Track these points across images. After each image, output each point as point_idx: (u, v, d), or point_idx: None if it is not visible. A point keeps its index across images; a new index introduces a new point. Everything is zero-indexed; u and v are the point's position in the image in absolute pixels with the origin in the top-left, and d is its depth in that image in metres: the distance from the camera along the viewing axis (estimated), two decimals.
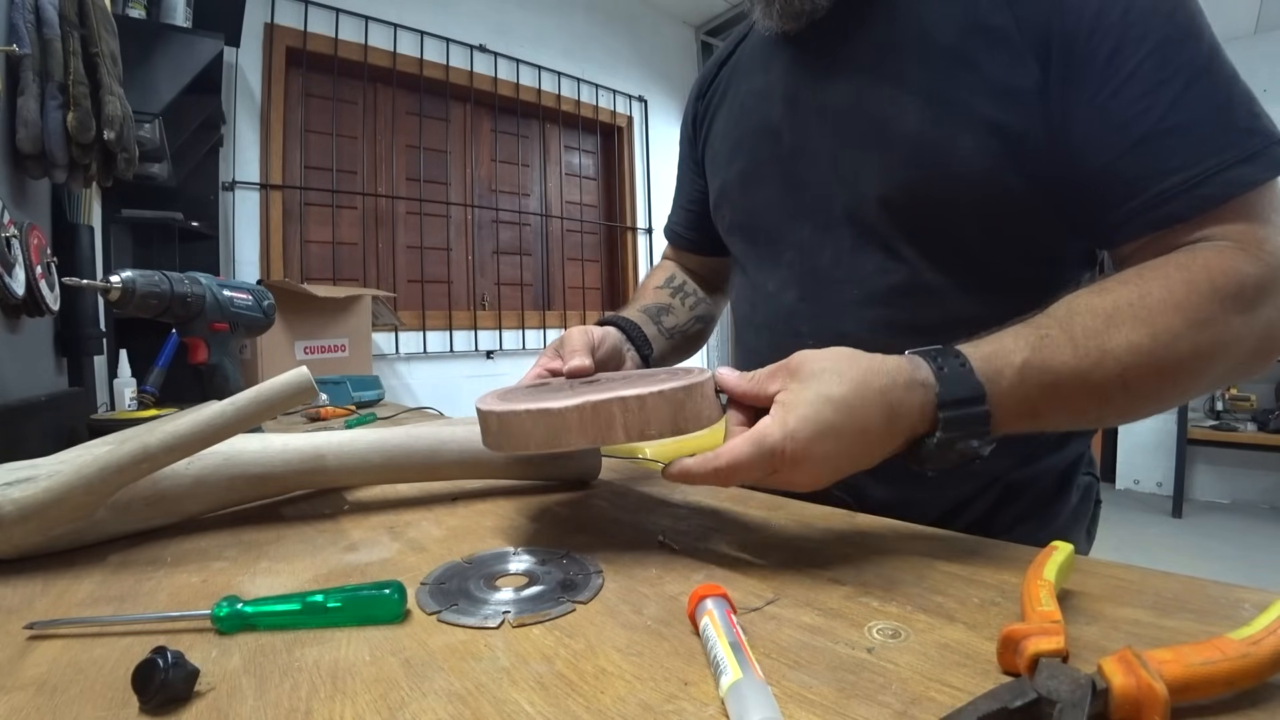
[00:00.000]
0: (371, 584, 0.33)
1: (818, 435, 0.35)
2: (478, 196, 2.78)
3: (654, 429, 0.39)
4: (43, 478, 0.41)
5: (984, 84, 0.47)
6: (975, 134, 0.48)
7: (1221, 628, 0.25)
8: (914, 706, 0.23)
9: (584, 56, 3.06)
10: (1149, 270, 0.41)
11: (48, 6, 0.89)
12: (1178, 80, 0.41)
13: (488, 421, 0.42)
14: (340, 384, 1.43)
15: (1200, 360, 0.39)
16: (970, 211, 0.50)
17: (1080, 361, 0.38)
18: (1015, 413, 0.38)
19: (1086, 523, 0.60)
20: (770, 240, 0.62)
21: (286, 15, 2.23)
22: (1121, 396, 0.39)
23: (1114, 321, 0.39)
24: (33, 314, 0.90)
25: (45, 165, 0.91)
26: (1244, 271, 0.39)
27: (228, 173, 2.11)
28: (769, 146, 0.61)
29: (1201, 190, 0.40)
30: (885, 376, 0.37)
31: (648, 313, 0.70)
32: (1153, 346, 0.38)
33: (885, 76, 0.52)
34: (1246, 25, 3.10)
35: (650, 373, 0.51)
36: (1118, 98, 0.42)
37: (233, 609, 0.31)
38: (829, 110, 0.56)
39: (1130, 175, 0.42)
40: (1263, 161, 0.40)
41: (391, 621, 0.32)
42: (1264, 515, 3.04)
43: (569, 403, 0.39)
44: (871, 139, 0.52)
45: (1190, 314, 0.38)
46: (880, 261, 0.53)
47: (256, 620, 0.32)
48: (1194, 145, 0.40)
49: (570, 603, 0.33)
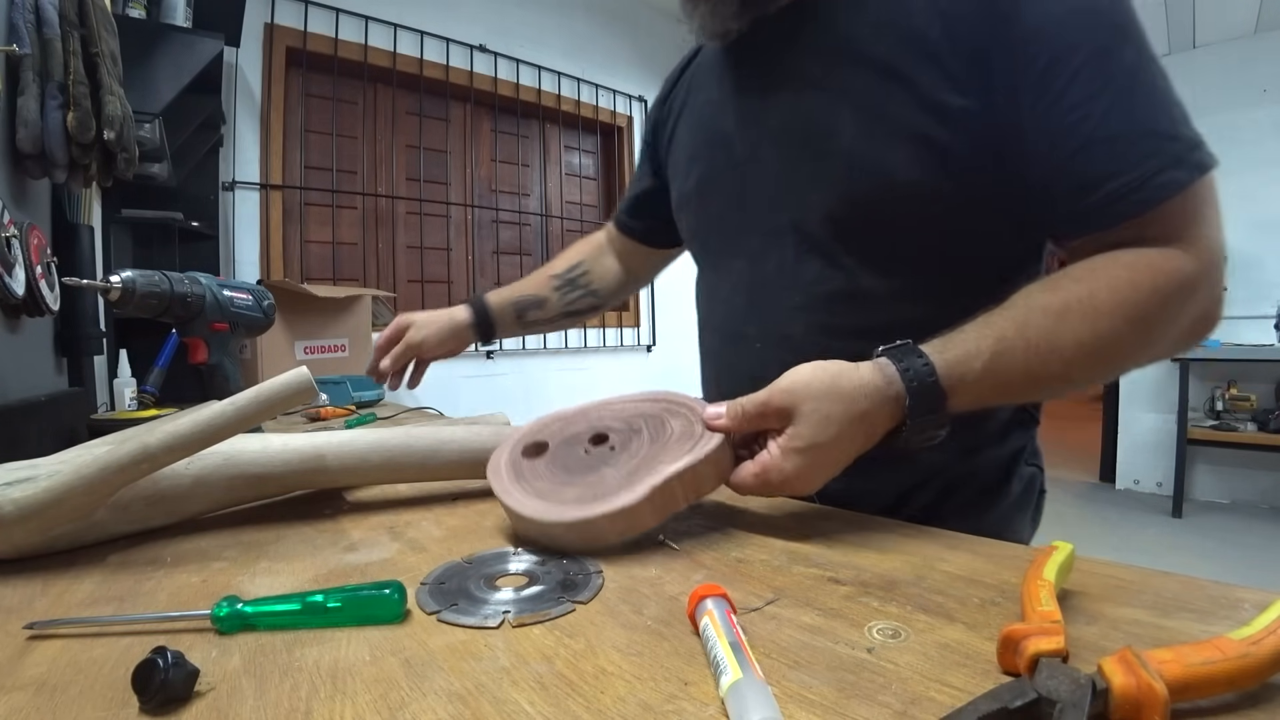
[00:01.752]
0: (371, 584, 0.33)
1: (805, 473, 0.42)
2: (478, 196, 2.78)
3: (706, 489, 0.45)
4: (43, 478, 0.40)
5: (917, 98, 0.49)
6: (909, 147, 0.50)
7: (1221, 628, 0.25)
8: (914, 706, 0.23)
9: (584, 56, 3.06)
10: (1099, 269, 0.45)
11: (48, 6, 0.89)
12: (1111, 89, 0.44)
13: (554, 530, 0.41)
14: (340, 384, 1.43)
15: (1137, 352, 0.45)
16: (908, 220, 0.52)
17: (1030, 362, 0.43)
18: (968, 406, 0.44)
19: (1030, 512, 0.62)
20: (723, 248, 0.64)
21: (286, 15, 2.23)
22: (1062, 385, 0.45)
23: (1064, 319, 0.43)
24: (33, 314, 0.90)
25: (45, 165, 0.91)
26: (1184, 270, 0.43)
27: (228, 173, 2.11)
28: (723, 157, 0.63)
29: (1139, 195, 0.43)
30: (865, 400, 0.42)
31: (517, 308, 0.85)
32: (1096, 344, 0.43)
33: (823, 90, 0.54)
34: (1246, 25, 3.10)
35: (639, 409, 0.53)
36: (1057, 107, 0.44)
37: (233, 609, 0.31)
38: (772, 122, 0.58)
39: (1073, 181, 0.45)
40: (1188, 165, 0.43)
41: (392, 621, 0.32)
42: (1264, 515, 3.04)
43: (638, 496, 0.41)
44: (811, 151, 0.55)
45: (1132, 312, 0.43)
46: (820, 269, 0.56)
47: (256, 620, 0.32)
48: (1128, 152, 0.43)
49: (570, 602, 0.34)
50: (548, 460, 0.49)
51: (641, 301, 3.29)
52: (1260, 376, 3.15)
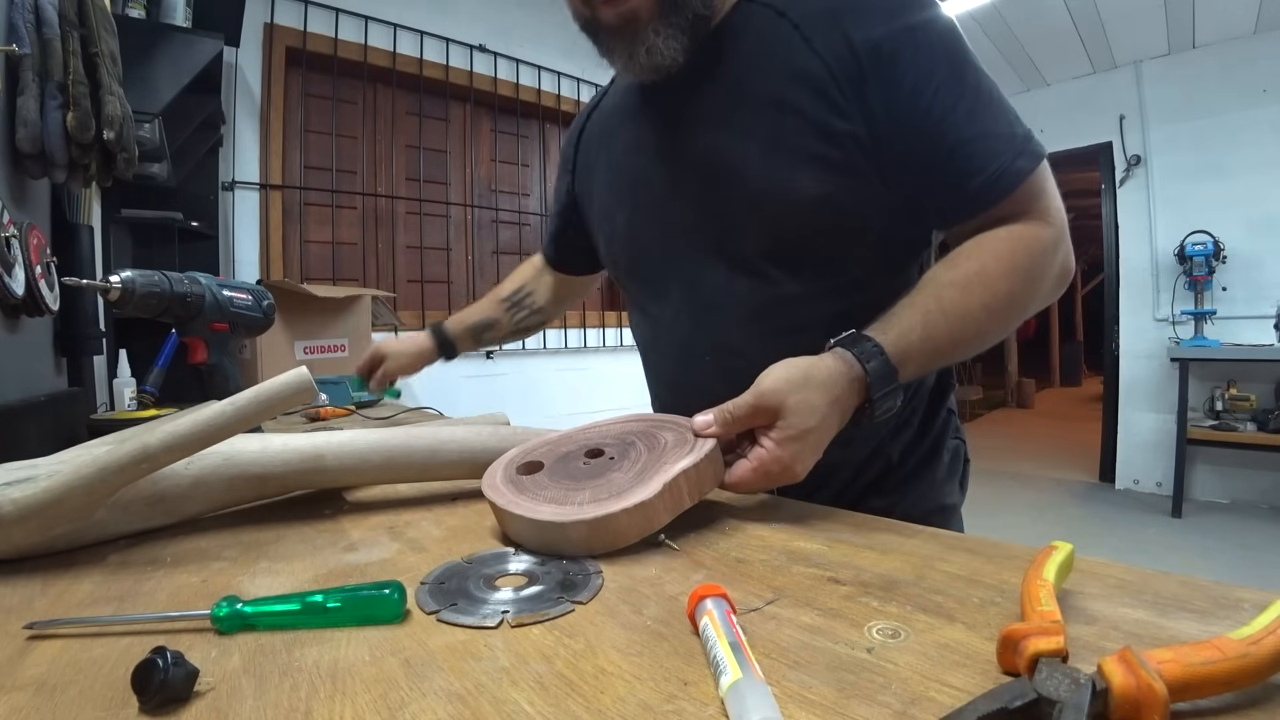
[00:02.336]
0: (371, 584, 0.33)
1: (802, 457, 0.47)
2: (477, 196, 2.79)
3: (708, 487, 0.47)
4: (42, 478, 0.40)
5: (809, 126, 0.56)
6: (808, 169, 0.57)
7: (1221, 628, 0.25)
8: (914, 706, 0.23)
9: (584, 56, 3.02)
10: (984, 244, 0.55)
11: (47, 6, 0.89)
12: (965, 100, 0.54)
13: (574, 531, 0.40)
14: (340, 384, 1.43)
15: (1026, 304, 0.56)
16: (819, 232, 0.59)
17: (952, 328, 0.52)
18: (913, 375, 0.52)
19: (959, 479, 0.72)
20: (658, 278, 0.70)
21: (286, 15, 2.23)
22: (977, 343, 0.55)
23: (968, 291, 0.53)
24: (32, 314, 0.90)
25: (45, 165, 0.91)
26: (1044, 236, 0.55)
27: (227, 173, 2.11)
28: (646, 195, 0.68)
29: (1000, 184, 0.54)
30: (836, 387, 0.48)
31: (473, 331, 0.98)
32: (996, 304, 0.53)
33: (728, 126, 0.60)
34: (1246, 25, 3.10)
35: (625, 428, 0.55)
36: (927, 118, 0.54)
37: (232, 609, 0.31)
38: (687, 159, 0.64)
39: (950, 177, 0.55)
40: (1030, 154, 0.54)
41: (391, 622, 0.32)
42: (1264, 515, 3.04)
43: (653, 490, 0.42)
44: (726, 182, 0.61)
45: (1018, 276, 0.54)
46: (752, 284, 0.62)
47: (256, 620, 0.32)
48: (987, 150, 0.53)
49: (569, 602, 0.34)
50: (549, 474, 0.49)
51: None
52: (1260, 376, 3.14)
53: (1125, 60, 3.49)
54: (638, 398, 0.79)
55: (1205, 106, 3.28)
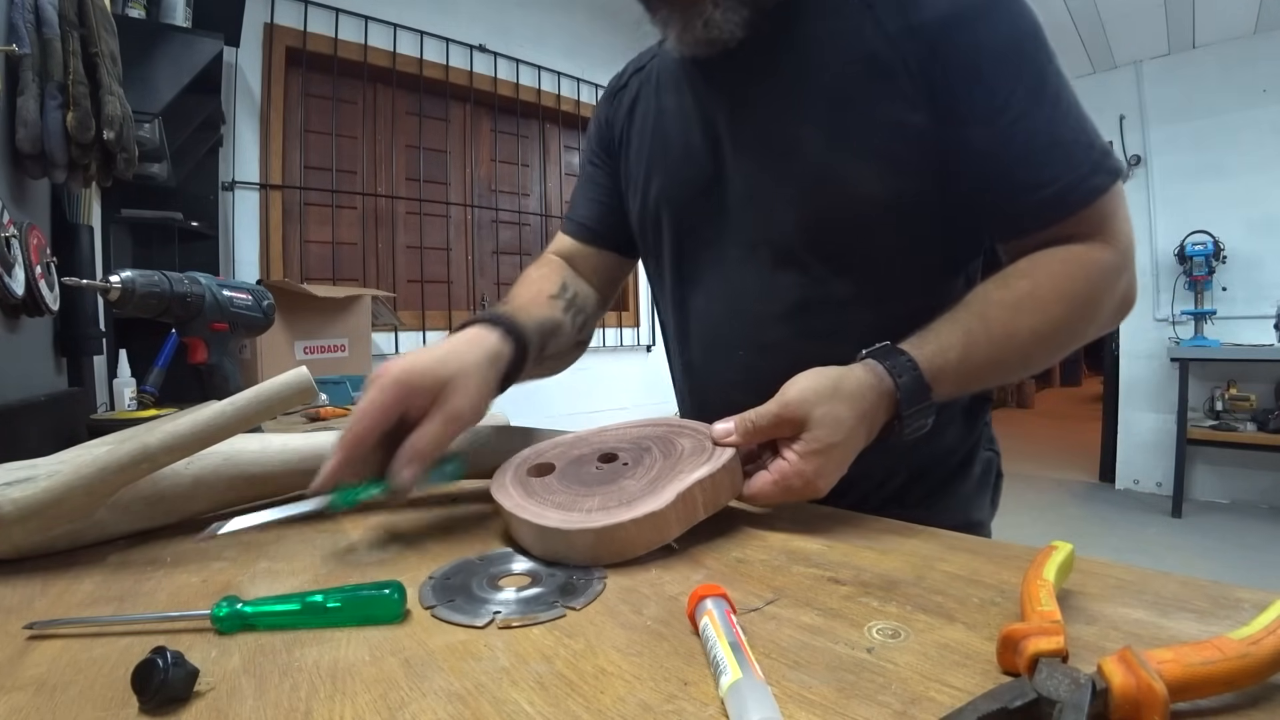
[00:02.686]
0: (371, 584, 0.33)
1: (826, 473, 0.45)
2: (477, 196, 2.79)
3: (724, 499, 0.45)
4: (42, 478, 0.40)
5: (877, 118, 0.53)
6: (871, 163, 0.54)
7: (1221, 628, 0.25)
8: (914, 706, 0.23)
9: (584, 56, 3.06)
10: (1039, 265, 0.51)
11: (47, 6, 0.89)
12: (1043, 106, 0.50)
13: (579, 539, 0.39)
14: (340, 384, 1.43)
15: (1079, 333, 0.52)
16: (873, 231, 0.56)
17: (995, 350, 0.49)
18: (948, 395, 0.49)
19: (989, 493, 0.68)
20: (695, 260, 0.65)
21: (286, 15, 2.23)
22: (1020, 368, 0.52)
23: (1017, 312, 0.49)
24: (32, 314, 0.90)
25: (45, 165, 0.91)
26: (1107, 260, 0.51)
27: (227, 173, 2.11)
28: (689, 169, 0.63)
29: (1071, 197, 0.50)
30: (865, 401, 0.45)
31: (541, 332, 0.59)
32: (1045, 329, 0.50)
33: (789, 110, 0.56)
34: (1246, 25, 3.10)
35: (642, 432, 0.53)
36: (997, 122, 0.50)
37: (232, 609, 0.31)
38: (742, 140, 0.59)
39: (1016, 186, 0.51)
40: (1107, 171, 0.50)
41: (391, 621, 0.32)
42: (1264, 515, 3.04)
43: (665, 501, 0.40)
44: (781, 169, 0.57)
45: (1072, 300, 0.50)
46: (795, 279, 0.58)
47: (256, 620, 0.31)
48: (1059, 163, 0.50)
49: (562, 607, 0.33)
50: (559, 478, 0.47)
51: (641, 301, 3.29)
52: (1260, 376, 3.14)
53: (1125, 60, 3.49)
54: (638, 398, 0.78)
55: (1205, 106, 3.28)
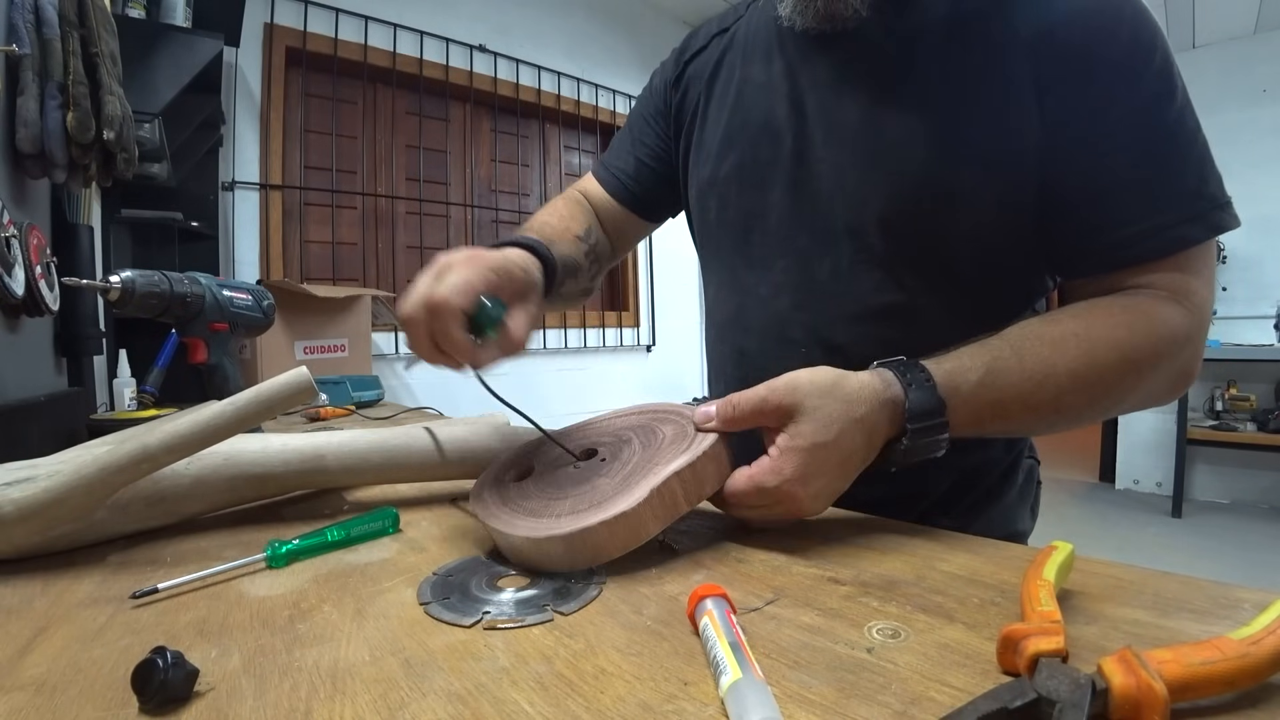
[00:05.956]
0: (368, 514, 0.46)
1: (809, 476, 0.40)
2: (478, 196, 2.78)
3: (708, 489, 0.42)
4: (42, 478, 0.40)
5: (990, 125, 0.49)
6: (979, 170, 0.49)
7: (1221, 628, 0.25)
8: (914, 706, 0.23)
9: (584, 56, 3.06)
10: (1098, 308, 0.46)
11: (47, 6, 0.89)
12: (1148, 140, 0.45)
13: (550, 547, 0.37)
14: (340, 384, 1.43)
15: (1125, 392, 0.45)
16: (966, 242, 0.52)
17: (1025, 385, 0.43)
18: (965, 424, 0.44)
19: (1030, 503, 0.65)
20: (764, 243, 0.61)
21: (286, 15, 2.23)
22: (1053, 414, 0.45)
23: (1058, 349, 0.44)
24: (32, 314, 0.90)
25: (45, 165, 0.91)
26: (1175, 321, 0.45)
27: (227, 173, 2.11)
28: (770, 147, 0.59)
29: (1150, 243, 0.45)
30: (864, 405, 0.41)
31: (565, 267, 0.59)
32: (1088, 374, 0.44)
33: (898, 101, 0.52)
34: (1246, 25, 3.10)
35: (625, 422, 0.50)
36: (1095, 147, 0.46)
37: (276, 551, 0.40)
38: (838, 123, 0.55)
39: (1092, 221, 0.47)
40: (1203, 225, 0.45)
41: (390, 534, 0.46)
42: (1264, 515, 3.04)
43: (637, 499, 0.38)
44: (880, 161, 0.53)
45: (1125, 353, 0.44)
46: (879, 280, 0.54)
47: (299, 554, 0.42)
48: (1149, 202, 0.45)
49: (552, 611, 0.33)
50: (535, 480, 0.46)
51: (641, 301, 3.29)
52: (1260, 376, 3.14)
53: None
54: (638, 398, 0.78)
55: (1205, 106, 3.23)
